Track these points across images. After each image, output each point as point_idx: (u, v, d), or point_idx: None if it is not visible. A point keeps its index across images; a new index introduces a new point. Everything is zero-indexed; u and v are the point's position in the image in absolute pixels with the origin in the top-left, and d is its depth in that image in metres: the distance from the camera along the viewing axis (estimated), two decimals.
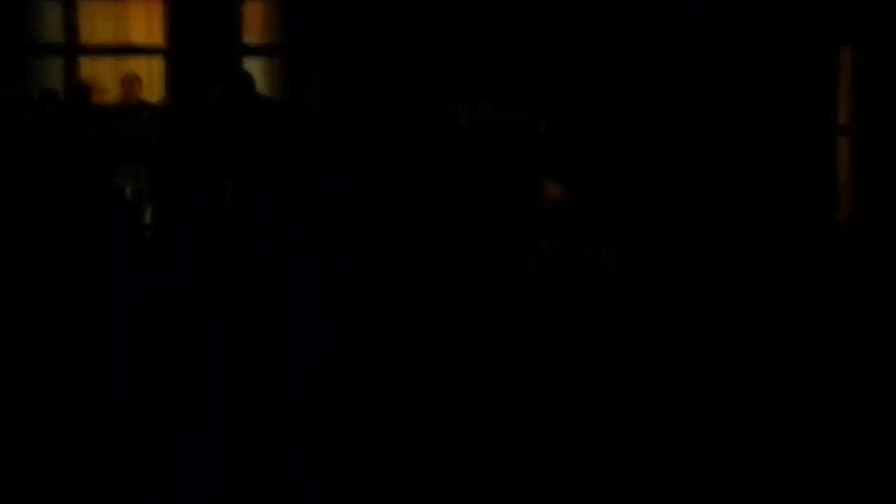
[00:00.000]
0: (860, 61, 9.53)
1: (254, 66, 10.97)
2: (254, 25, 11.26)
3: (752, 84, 9.65)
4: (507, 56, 10.27)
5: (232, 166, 10.51)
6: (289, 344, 7.20)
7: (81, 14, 11.33)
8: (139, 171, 10.67)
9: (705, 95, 9.66)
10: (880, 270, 8.37)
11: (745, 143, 9.52)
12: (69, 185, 10.03)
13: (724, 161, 9.48)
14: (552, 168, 9.43)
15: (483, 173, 9.98)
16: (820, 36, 9.51)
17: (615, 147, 9.52)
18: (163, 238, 10.71)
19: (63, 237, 9.65)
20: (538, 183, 9.63)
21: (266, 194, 10.42)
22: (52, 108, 10.26)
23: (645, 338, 7.05)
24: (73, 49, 11.34)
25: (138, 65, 11.25)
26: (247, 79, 10.58)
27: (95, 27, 11.40)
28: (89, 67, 11.29)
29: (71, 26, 11.34)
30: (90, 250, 9.62)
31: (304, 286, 8.47)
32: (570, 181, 9.39)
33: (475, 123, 10.26)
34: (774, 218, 9.34)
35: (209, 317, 7.65)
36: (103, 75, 11.20)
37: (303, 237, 9.47)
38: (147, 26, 11.41)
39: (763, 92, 9.69)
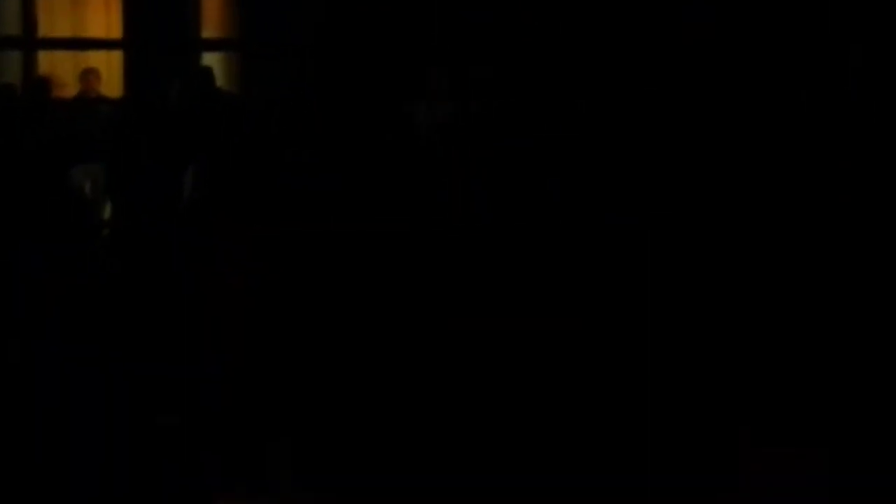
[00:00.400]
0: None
1: (212, 61, 10.96)
2: (212, 20, 11.26)
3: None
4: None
5: (190, 161, 10.50)
6: None
7: (40, 7, 11.29)
8: (97, 166, 10.64)
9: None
10: None
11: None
12: (24, 181, 9.97)
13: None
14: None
15: (435, 172, 10.01)
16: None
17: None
18: (121, 234, 10.69)
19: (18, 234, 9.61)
20: None
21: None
22: (8, 104, 10.22)
23: None
24: (31, 43, 11.31)
25: (97, 59, 11.22)
26: (206, 73, 10.58)
27: (54, 21, 11.36)
28: (47, 61, 11.26)
29: (29, 20, 11.29)
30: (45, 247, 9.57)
31: None
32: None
33: (432, 123, 10.28)
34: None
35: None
36: (61, 69, 11.17)
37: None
38: (106, 20, 11.38)
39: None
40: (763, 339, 6.80)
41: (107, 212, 10.82)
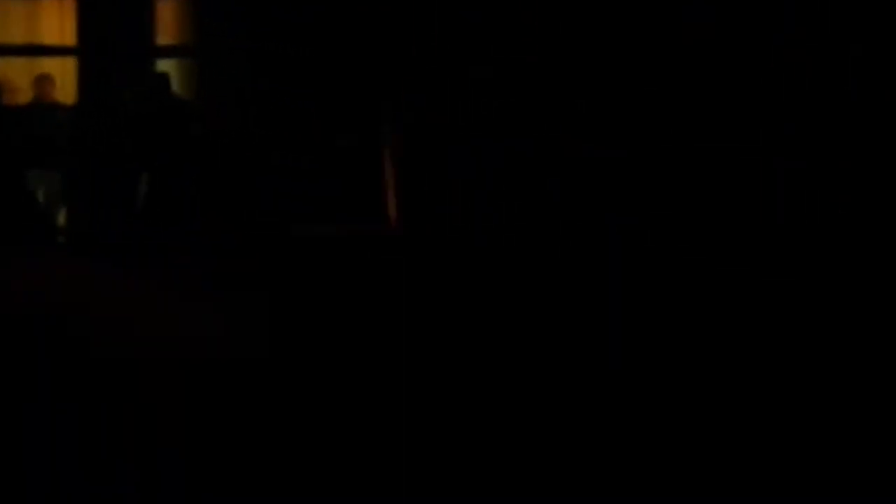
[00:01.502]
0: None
1: (166, 67, 11.02)
2: (167, 27, 11.29)
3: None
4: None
5: (145, 165, 10.57)
6: None
7: None
8: (52, 172, 10.70)
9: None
10: None
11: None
12: None
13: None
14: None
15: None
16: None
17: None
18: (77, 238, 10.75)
19: None
20: None
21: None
22: None
23: None
24: None
25: (51, 65, 11.25)
26: (163, 79, 10.65)
27: (8, 27, 11.38)
28: (2, 68, 11.28)
29: None
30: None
31: None
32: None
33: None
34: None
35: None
36: (15, 75, 11.19)
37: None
38: (60, 26, 11.41)
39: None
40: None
41: (62, 217, 10.89)
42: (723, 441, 5.50)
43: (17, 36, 11.39)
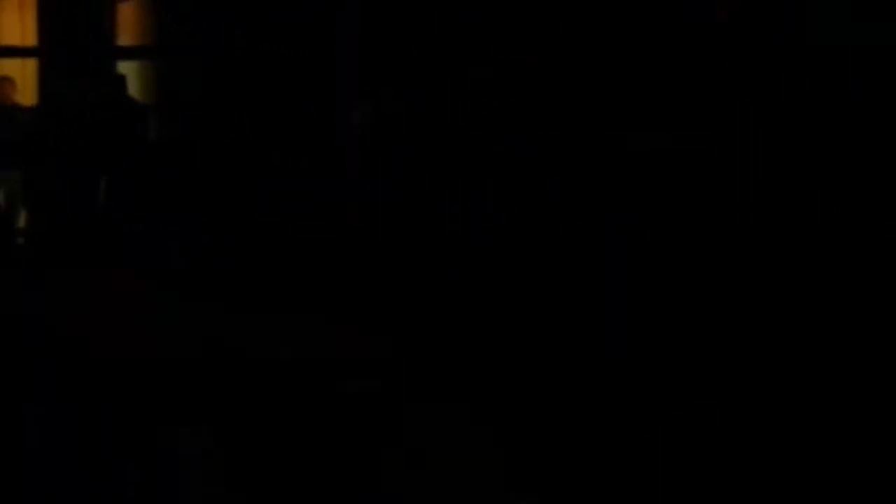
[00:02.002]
0: None
1: (126, 69, 10.99)
2: (128, 28, 11.26)
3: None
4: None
5: (104, 166, 10.54)
6: None
7: None
8: (13, 173, 10.66)
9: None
10: None
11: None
12: None
13: None
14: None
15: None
16: None
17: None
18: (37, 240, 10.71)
19: None
20: None
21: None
22: None
23: None
24: None
25: (12, 66, 11.20)
26: (120, 80, 10.61)
27: None
28: None
29: None
30: None
31: None
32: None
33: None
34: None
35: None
36: None
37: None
38: (21, 28, 11.37)
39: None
40: None
41: (22, 220, 10.85)
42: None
43: None
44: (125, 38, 11.25)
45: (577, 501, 5.05)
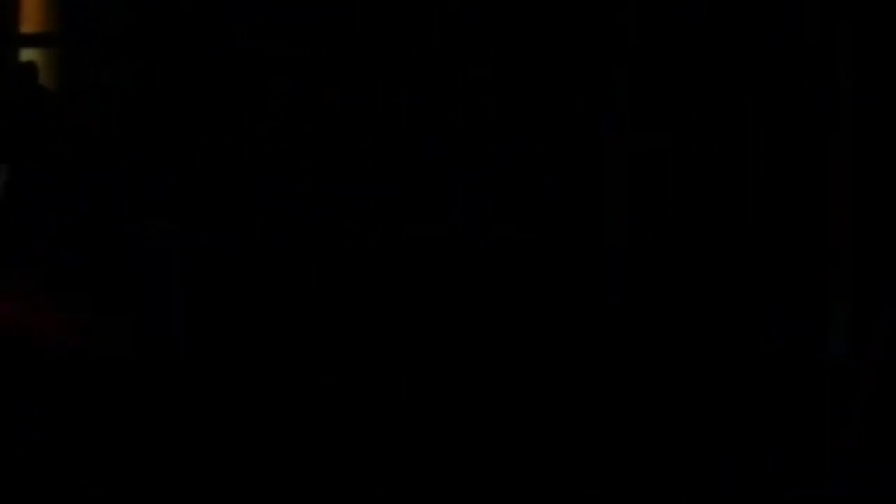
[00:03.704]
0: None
1: (31, 57, 10.75)
2: (33, 15, 11.02)
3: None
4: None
5: (8, 156, 10.31)
6: None
7: None
8: None
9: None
10: None
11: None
12: None
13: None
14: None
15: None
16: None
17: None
18: None
19: None
20: None
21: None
22: None
23: None
24: None
25: None
26: (29, 69, 10.37)
27: None
28: None
29: None
30: None
31: None
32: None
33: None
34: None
35: None
36: None
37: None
38: None
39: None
40: None
41: None
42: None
43: None
44: (29, 25, 11.03)
45: None
